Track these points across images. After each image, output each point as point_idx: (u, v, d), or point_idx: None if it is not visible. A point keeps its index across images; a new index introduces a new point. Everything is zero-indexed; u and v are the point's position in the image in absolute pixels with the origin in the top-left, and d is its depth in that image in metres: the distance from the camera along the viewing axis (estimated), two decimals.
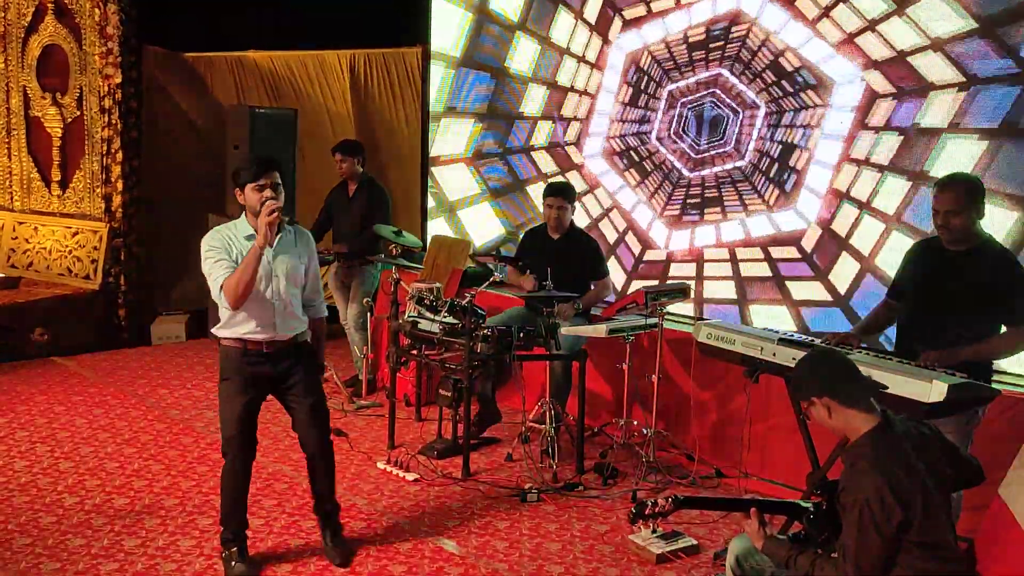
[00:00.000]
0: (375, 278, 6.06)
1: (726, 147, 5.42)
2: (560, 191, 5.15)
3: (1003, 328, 3.38)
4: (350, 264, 6.02)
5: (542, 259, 4.86)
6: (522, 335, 4.50)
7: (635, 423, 4.90)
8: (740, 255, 5.36)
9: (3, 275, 7.37)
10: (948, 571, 2.40)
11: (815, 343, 3.50)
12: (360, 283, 6.00)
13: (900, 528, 2.33)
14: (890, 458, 2.40)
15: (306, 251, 3.57)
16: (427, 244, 6.71)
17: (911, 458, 2.42)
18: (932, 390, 2.94)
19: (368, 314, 5.97)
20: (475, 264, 6.29)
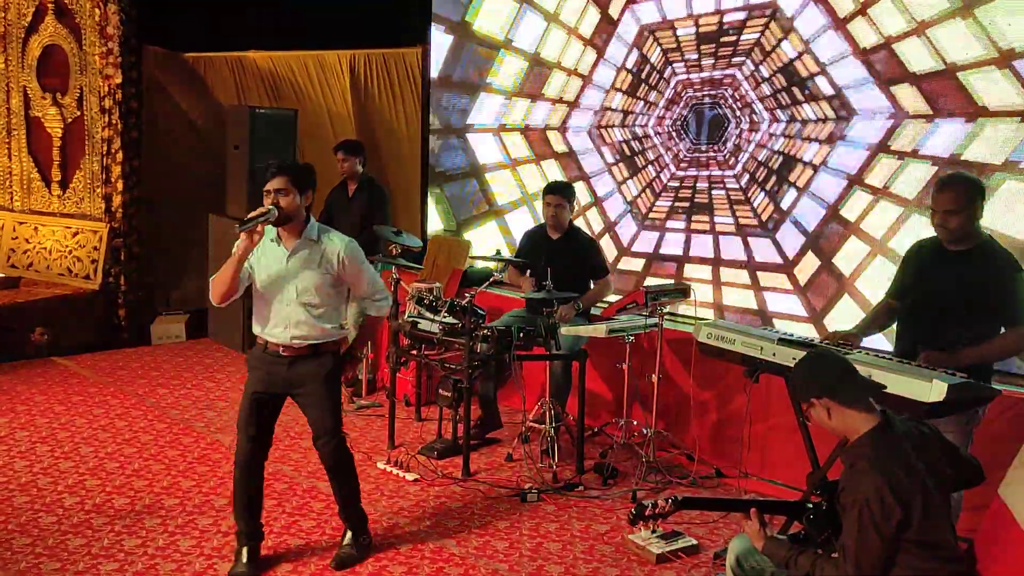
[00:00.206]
0: None
1: (723, 151, 5.33)
2: (559, 189, 5.15)
3: (1003, 328, 3.38)
4: None
5: (542, 259, 4.86)
6: (522, 335, 4.51)
7: (635, 423, 4.90)
8: (723, 276, 5.26)
9: (3, 275, 7.36)
10: (948, 571, 2.40)
11: (814, 343, 3.50)
12: None
13: (899, 528, 2.33)
14: (890, 458, 2.40)
15: (334, 264, 3.48)
16: (427, 244, 6.71)
17: (911, 458, 2.42)
18: (932, 390, 2.94)
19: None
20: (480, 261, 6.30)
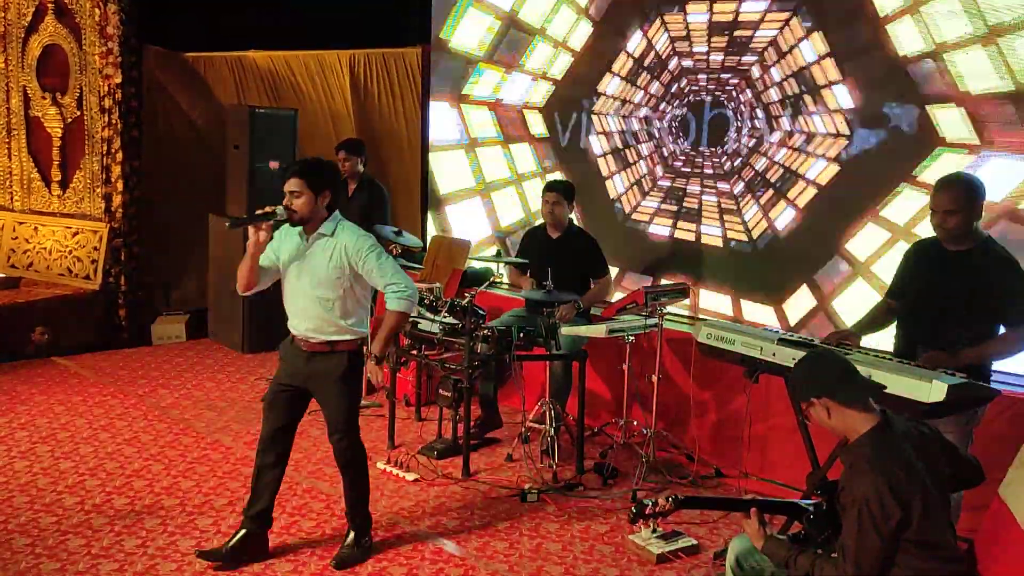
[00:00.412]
0: None
1: (721, 155, 5.27)
2: (557, 187, 5.15)
3: (1002, 328, 3.38)
4: None
5: (542, 258, 4.86)
6: (522, 335, 4.51)
7: (635, 423, 4.89)
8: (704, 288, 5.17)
9: (3, 275, 7.35)
10: (948, 571, 2.40)
11: (814, 343, 3.50)
12: None
13: (899, 528, 2.33)
14: (889, 458, 2.40)
15: (343, 256, 3.51)
16: (427, 244, 6.70)
17: (911, 458, 2.42)
18: (932, 390, 2.94)
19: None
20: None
